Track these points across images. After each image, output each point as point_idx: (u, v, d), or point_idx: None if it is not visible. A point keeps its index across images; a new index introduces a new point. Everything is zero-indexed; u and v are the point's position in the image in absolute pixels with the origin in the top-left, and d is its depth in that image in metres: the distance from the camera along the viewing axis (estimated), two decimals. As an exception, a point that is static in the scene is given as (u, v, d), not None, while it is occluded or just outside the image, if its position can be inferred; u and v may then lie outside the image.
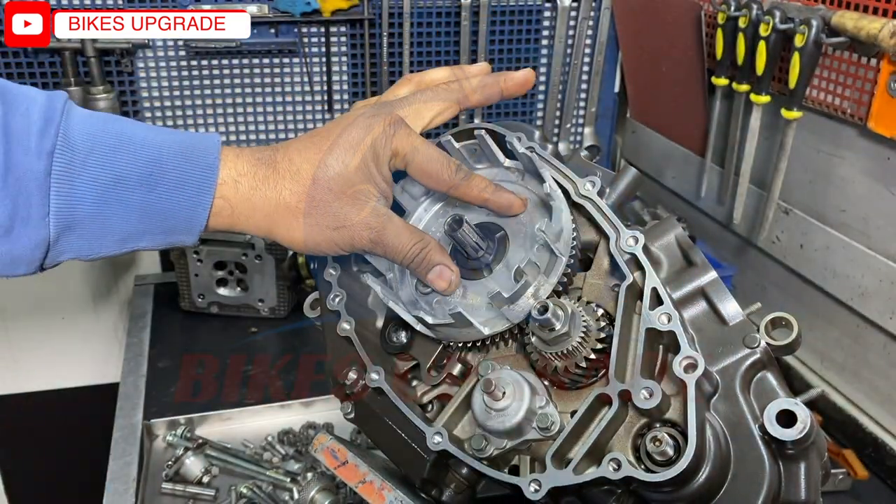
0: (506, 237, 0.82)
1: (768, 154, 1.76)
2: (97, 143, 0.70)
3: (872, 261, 1.54)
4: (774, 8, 1.57)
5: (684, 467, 0.63)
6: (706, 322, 0.74)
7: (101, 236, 0.72)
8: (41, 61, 1.92)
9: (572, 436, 0.71)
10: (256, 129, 2.16)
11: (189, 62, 2.04)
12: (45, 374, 2.36)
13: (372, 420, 0.84)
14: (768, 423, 0.66)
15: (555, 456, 0.70)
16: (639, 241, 0.74)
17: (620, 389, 0.69)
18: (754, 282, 1.92)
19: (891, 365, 1.57)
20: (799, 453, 0.68)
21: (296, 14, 1.98)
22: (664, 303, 0.70)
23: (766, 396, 0.70)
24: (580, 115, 2.35)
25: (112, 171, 0.70)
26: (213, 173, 0.74)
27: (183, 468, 1.50)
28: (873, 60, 1.45)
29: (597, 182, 0.79)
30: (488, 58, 2.19)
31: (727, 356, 0.71)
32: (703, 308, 0.75)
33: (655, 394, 0.67)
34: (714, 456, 0.67)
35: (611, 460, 0.66)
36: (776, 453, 0.68)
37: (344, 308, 0.87)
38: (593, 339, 0.72)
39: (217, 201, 0.74)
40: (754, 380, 0.71)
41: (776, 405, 0.66)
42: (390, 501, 0.79)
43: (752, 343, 0.71)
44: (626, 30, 2.21)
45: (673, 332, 0.69)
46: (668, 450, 0.66)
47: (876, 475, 1.56)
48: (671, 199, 2.23)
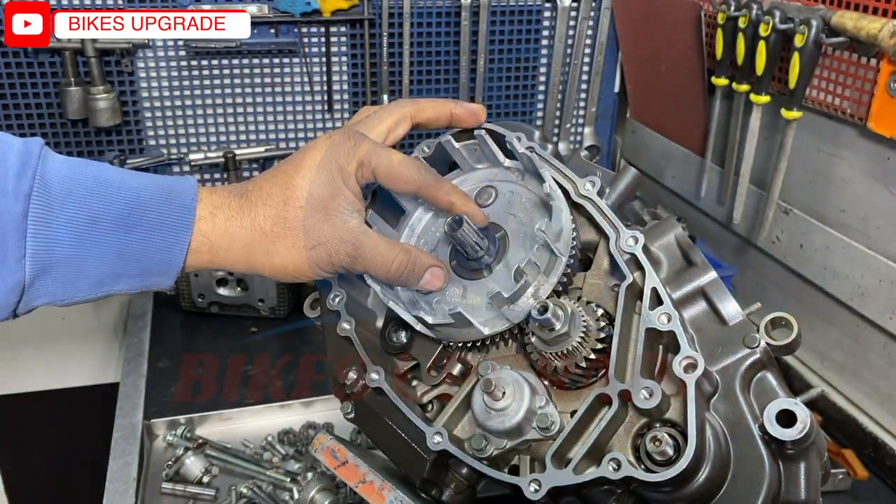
0: (506, 237, 0.82)
1: (768, 154, 1.76)
2: (74, 185, 0.71)
3: (872, 261, 1.54)
4: (774, 8, 1.57)
5: (684, 467, 0.63)
6: (706, 322, 0.74)
7: (76, 279, 0.72)
8: (41, 61, 1.92)
9: (572, 436, 0.72)
10: (256, 129, 2.16)
11: (189, 62, 2.04)
12: (45, 374, 2.36)
13: (372, 420, 0.84)
14: (768, 422, 0.66)
15: (555, 456, 0.70)
16: (639, 241, 0.74)
17: (620, 389, 0.69)
18: (754, 282, 1.92)
19: (891, 365, 1.57)
20: (799, 453, 0.68)
21: (296, 14, 1.99)
22: (664, 303, 0.70)
23: (766, 396, 0.70)
24: (580, 115, 2.36)
25: (89, 212, 0.71)
26: (191, 212, 0.75)
27: (183, 468, 1.50)
28: (873, 60, 1.45)
29: (597, 182, 0.79)
30: (488, 58, 2.19)
31: (727, 356, 0.71)
32: (703, 308, 0.75)
33: (655, 394, 0.67)
34: (714, 456, 0.67)
35: (611, 460, 0.66)
36: (776, 453, 0.68)
37: (344, 308, 0.87)
38: (593, 339, 0.72)
39: (195, 238, 0.75)
40: (754, 380, 0.71)
41: (776, 405, 0.66)
42: (390, 501, 0.79)
43: (752, 343, 0.71)
44: (625, 30, 2.21)
45: (673, 332, 0.69)
46: (668, 450, 0.66)
47: (876, 475, 1.56)
48: (671, 199, 2.23)
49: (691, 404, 0.65)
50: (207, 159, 2.13)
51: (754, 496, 0.67)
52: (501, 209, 0.84)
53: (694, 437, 0.64)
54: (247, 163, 2.18)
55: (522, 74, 2.27)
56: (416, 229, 0.88)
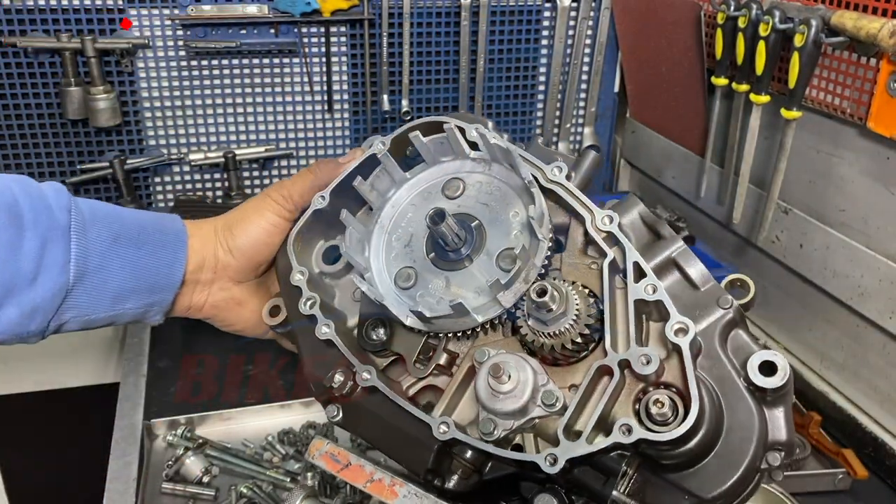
0: (482, 226, 0.84)
1: (768, 154, 1.76)
2: (96, 210, 0.85)
3: (872, 260, 1.54)
4: (774, 8, 1.57)
5: (694, 420, 0.68)
6: (680, 289, 0.79)
7: (100, 292, 0.83)
8: (41, 61, 1.92)
9: (578, 408, 0.75)
10: (256, 129, 2.16)
11: (189, 62, 2.04)
12: (45, 375, 2.36)
13: (365, 420, 0.84)
14: (752, 373, 0.73)
15: (565, 429, 0.74)
16: (614, 220, 0.79)
17: (620, 359, 0.73)
18: (754, 281, 1.92)
19: (890, 364, 1.57)
20: (778, 399, 0.75)
21: (296, 14, 1.99)
22: (647, 275, 0.75)
23: (742, 351, 0.76)
24: (580, 115, 2.36)
25: (110, 230, 0.84)
26: (184, 234, 0.91)
27: (183, 468, 1.50)
28: (873, 60, 1.45)
29: (563, 167, 0.82)
30: (488, 58, 2.19)
31: (704, 318, 0.77)
32: (677, 277, 0.80)
33: (653, 360, 0.72)
34: (710, 409, 0.72)
35: (621, 426, 0.71)
36: (760, 401, 0.74)
37: (319, 311, 0.87)
38: (585, 315, 0.76)
39: (191, 254, 0.90)
40: (729, 337, 0.77)
41: (758, 357, 0.73)
42: (403, 496, 0.78)
43: (726, 304, 0.77)
44: (625, 30, 2.21)
45: (660, 300, 0.74)
46: (668, 411, 0.71)
47: (876, 475, 1.56)
48: (671, 199, 2.23)
49: (689, 364, 0.70)
50: (207, 159, 2.14)
51: (748, 442, 0.72)
52: (472, 199, 0.86)
53: (695, 391, 0.69)
54: (247, 163, 2.18)
55: (522, 74, 2.27)
56: (385, 226, 0.90)
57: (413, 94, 2.19)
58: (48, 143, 2.02)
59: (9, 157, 2.00)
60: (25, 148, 2.00)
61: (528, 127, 2.34)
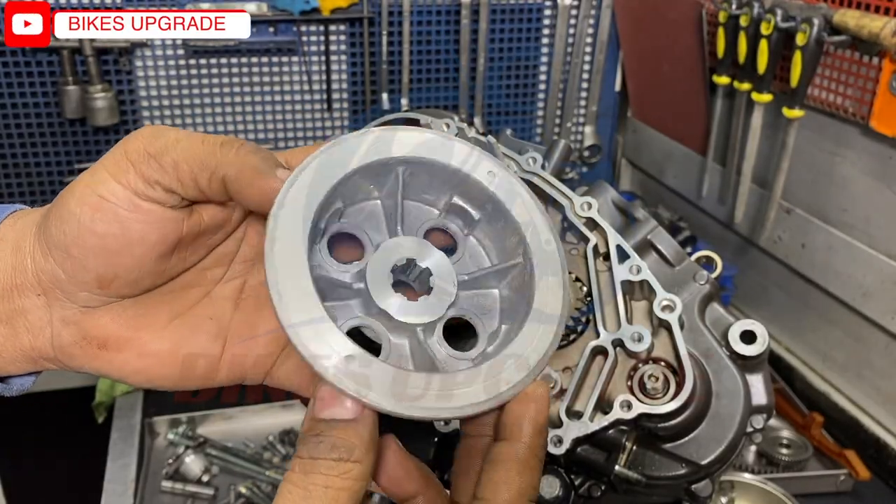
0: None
1: (770, 153, 1.75)
2: None
3: (874, 260, 1.54)
4: (776, 6, 1.56)
5: (689, 392, 0.72)
6: (658, 268, 0.83)
7: None
8: (39, 60, 1.91)
9: (576, 390, 0.77)
10: (255, 128, 2.16)
11: (187, 61, 2.03)
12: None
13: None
14: (734, 342, 0.77)
15: (567, 411, 0.76)
16: (593, 206, 0.81)
17: (613, 339, 0.76)
18: (756, 281, 1.92)
19: (893, 365, 1.56)
20: (756, 365, 0.79)
21: (295, 13, 1.98)
22: (631, 256, 0.78)
23: (720, 322, 0.81)
24: (581, 114, 2.35)
25: None
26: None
27: (183, 466, 1.49)
28: (875, 59, 1.44)
29: (538, 157, 0.84)
30: (488, 56, 2.18)
31: (683, 294, 0.81)
32: (654, 257, 0.84)
33: (645, 337, 0.74)
34: (700, 379, 0.76)
35: (621, 403, 0.73)
36: (741, 368, 0.79)
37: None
38: (575, 299, 0.79)
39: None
40: (706, 310, 0.82)
41: (738, 326, 0.78)
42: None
43: (702, 279, 0.82)
44: (626, 28, 2.20)
45: (646, 280, 0.77)
46: (661, 385, 0.75)
47: (878, 476, 1.55)
48: (672, 199, 2.22)
49: (679, 338, 0.74)
50: (207, 159, 2.13)
51: (736, 407, 0.77)
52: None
53: (688, 363, 0.73)
54: (246, 162, 2.17)
55: (523, 73, 2.26)
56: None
57: (413, 93, 2.19)
58: (46, 142, 2.01)
59: (7, 157, 1.99)
60: (23, 147, 2.00)
61: (529, 126, 2.33)
